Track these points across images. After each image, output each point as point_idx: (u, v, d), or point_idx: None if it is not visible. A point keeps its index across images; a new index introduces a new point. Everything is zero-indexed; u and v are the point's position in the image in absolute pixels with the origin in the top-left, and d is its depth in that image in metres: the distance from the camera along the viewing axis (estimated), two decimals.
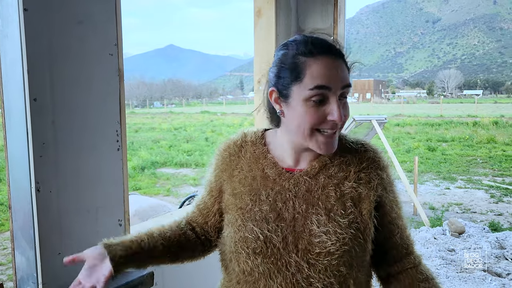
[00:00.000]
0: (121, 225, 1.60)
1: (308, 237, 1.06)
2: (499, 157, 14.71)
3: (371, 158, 1.15)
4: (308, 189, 1.11)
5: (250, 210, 1.12)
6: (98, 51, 1.48)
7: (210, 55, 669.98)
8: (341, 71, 1.04)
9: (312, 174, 1.12)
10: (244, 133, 1.26)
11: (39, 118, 1.29)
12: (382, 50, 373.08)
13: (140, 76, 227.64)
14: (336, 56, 1.05)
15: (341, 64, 1.05)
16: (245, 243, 1.09)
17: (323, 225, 1.06)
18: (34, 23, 1.27)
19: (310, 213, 1.08)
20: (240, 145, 1.23)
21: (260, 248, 1.08)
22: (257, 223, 1.10)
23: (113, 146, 1.55)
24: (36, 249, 1.32)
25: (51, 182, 1.33)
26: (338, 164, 1.13)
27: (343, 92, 1.05)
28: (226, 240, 1.18)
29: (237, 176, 1.19)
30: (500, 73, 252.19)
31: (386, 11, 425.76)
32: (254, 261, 1.08)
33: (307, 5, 2.74)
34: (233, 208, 1.16)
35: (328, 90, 1.02)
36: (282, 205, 1.10)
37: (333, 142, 1.08)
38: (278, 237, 1.07)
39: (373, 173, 1.14)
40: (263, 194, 1.12)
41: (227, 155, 1.23)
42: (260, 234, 1.08)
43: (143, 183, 11.46)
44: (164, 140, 20.13)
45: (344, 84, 1.04)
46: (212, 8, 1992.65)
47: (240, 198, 1.15)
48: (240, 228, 1.11)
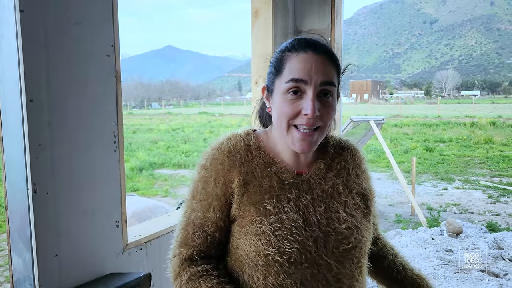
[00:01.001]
0: (118, 227, 1.60)
1: (334, 236, 1.08)
2: (497, 157, 14.73)
3: (358, 154, 1.24)
4: (322, 190, 1.13)
5: (276, 219, 1.05)
6: (95, 52, 1.48)
7: (208, 56, 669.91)
8: (321, 66, 1.04)
9: (321, 175, 1.14)
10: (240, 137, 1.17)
11: (36, 119, 1.29)
12: (379, 51, 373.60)
13: (138, 77, 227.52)
14: (319, 52, 1.05)
15: (324, 60, 1.04)
16: (278, 253, 1.02)
17: (343, 222, 1.09)
18: (31, 24, 1.27)
19: (329, 213, 1.10)
20: (244, 149, 1.14)
21: (295, 256, 1.03)
22: (287, 231, 1.04)
23: (110, 147, 1.55)
24: (32, 251, 1.32)
25: (47, 184, 1.33)
26: (338, 162, 1.18)
27: (324, 89, 1.04)
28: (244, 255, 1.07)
29: (250, 183, 1.09)
30: (497, 73, 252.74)
31: (384, 12, 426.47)
32: (287, 271, 1.03)
33: (304, 6, 2.74)
34: (254, 219, 1.06)
35: (304, 84, 1.03)
36: (304, 209, 1.09)
37: (310, 141, 1.05)
38: (309, 242, 1.05)
39: (364, 167, 1.24)
40: (283, 200, 1.08)
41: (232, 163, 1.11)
42: (293, 242, 1.03)
43: (141, 184, 11.45)
44: (162, 141, 20.11)
45: (322, 80, 1.03)
46: (210, 8, 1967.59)
47: (261, 207, 1.07)
48: (270, 239, 1.03)
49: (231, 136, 1.18)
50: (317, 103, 1.03)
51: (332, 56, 1.07)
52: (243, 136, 1.17)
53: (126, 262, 1.65)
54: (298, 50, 1.06)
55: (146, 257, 1.78)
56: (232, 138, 1.16)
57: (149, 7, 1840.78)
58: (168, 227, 1.94)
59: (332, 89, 1.05)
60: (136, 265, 1.72)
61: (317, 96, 1.04)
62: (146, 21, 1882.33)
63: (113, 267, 1.59)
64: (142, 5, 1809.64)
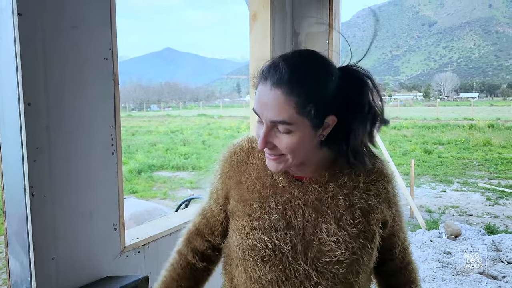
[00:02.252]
0: (116, 229, 1.60)
1: (318, 246, 1.06)
2: (495, 159, 14.75)
3: (379, 170, 1.15)
4: (318, 198, 1.09)
5: (259, 218, 1.10)
6: (92, 55, 1.48)
7: (207, 58, 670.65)
8: (273, 103, 0.95)
9: (322, 183, 1.10)
10: (249, 139, 1.22)
11: (33, 122, 1.29)
12: (378, 53, 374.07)
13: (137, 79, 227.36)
14: (273, 85, 0.95)
15: (275, 96, 0.95)
16: (253, 251, 1.08)
17: (332, 234, 1.06)
18: (29, 28, 1.27)
19: (319, 222, 1.07)
20: (247, 151, 1.19)
21: (269, 256, 1.07)
22: (265, 231, 1.08)
23: (108, 150, 1.55)
24: (30, 254, 1.32)
25: (45, 187, 1.33)
26: (347, 173, 1.11)
27: (276, 125, 0.98)
28: (232, 247, 1.16)
29: (245, 182, 1.16)
30: (495, 76, 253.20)
31: (383, 15, 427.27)
32: (262, 268, 1.08)
33: (302, 9, 2.75)
34: (241, 214, 1.13)
35: (259, 116, 1.00)
36: (291, 213, 1.09)
37: (276, 164, 1.04)
38: (287, 246, 1.06)
39: (381, 185, 1.14)
40: (272, 201, 1.10)
41: (234, 162, 1.19)
42: (269, 242, 1.07)
43: (140, 186, 11.44)
44: (161, 143, 20.10)
45: (271, 119, 0.97)
46: (209, 10, 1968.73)
47: (249, 205, 1.12)
48: (248, 236, 1.09)
49: (244, 137, 1.25)
50: (270, 137, 1.00)
51: (293, 88, 0.94)
52: (253, 139, 1.22)
53: (123, 265, 1.65)
54: (262, 78, 0.99)
55: (144, 260, 1.78)
56: (243, 140, 1.23)
57: (148, 9, 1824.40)
58: (166, 230, 1.94)
59: (287, 127, 0.96)
60: (134, 268, 1.72)
61: (274, 129, 0.99)
62: (145, 23, 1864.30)
63: (111, 270, 1.59)
64: (141, 7, 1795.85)
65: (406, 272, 1.28)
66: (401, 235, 1.24)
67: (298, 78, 0.95)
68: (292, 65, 0.96)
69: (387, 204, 1.15)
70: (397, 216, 1.21)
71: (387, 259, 1.25)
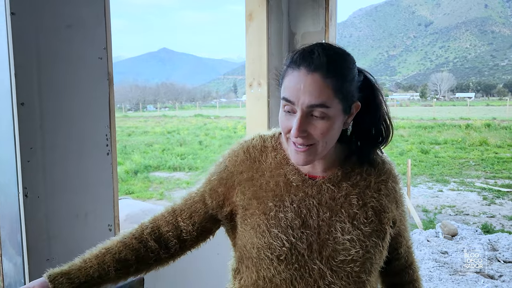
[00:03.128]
0: (111, 230, 1.59)
1: (333, 245, 1.06)
2: (492, 159, 14.80)
3: (388, 171, 1.18)
4: (331, 197, 1.11)
5: (274, 216, 1.09)
6: (87, 55, 1.47)
7: (204, 58, 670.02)
8: (311, 87, 0.97)
9: (335, 182, 1.12)
10: (262, 138, 1.21)
11: (27, 122, 1.28)
12: (375, 53, 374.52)
13: (133, 79, 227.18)
14: (312, 69, 0.98)
15: (316, 79, 0.98)
16: (269, 249, 1.07)
17: (347, 233, 1.07)
18: (22, 27, 1.26)
19: (334, 221, 1.08)
20: (260, 149, 1.19)
21: (285, 255, 1.06)
22: (282, 229, 1.07)
23: (103, 150, 1.54)
24: (23, 255, 1.31)
25: (39, 187, 1.32)
26: (359, 173, 1.14)
27: (312, 110, 0.99)
28: (243, 246, 1.14)
29: (258, 180, 1.15)
30: (492, 76, 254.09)
31: (379, 15, 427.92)
32: (277, 267, 1.07)
33: (298, 9, 2.74)
34: (255, 212, 1.12)
35: (293, 104, 1.00)
36: (306, 212, 1.09)
37: (304, 156, 1.04)
38: (303, 244, 1.06)
39: (390, 186, 1.17)
40: (287, 200, 1.10)
41: (246, 158, 1.18)
42: (286, 241, 1.06)
43: (136, 187, 11.42)
44: (157, 143, 20.08)
45: (309, 103, 0.98)
46: (205, 11, 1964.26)
47: (263, 203, 1.11)
48: (264, 234, 1.08)
49: (256, 136, 1.23)
50: (305, 124, 1.00)
51: (330, 71, 0.98)
52: (265, 137, 1.21)
53: None
54: (293, 66, 1.02)
55: None
56: (255, 138, 1.22)
57: (144, 10, 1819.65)
58: None
59: (324, 110, 0.99)
60: None
61: (309, 116, 1.00)
62: (141, 23, 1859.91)
63: None
64: (137, 7, 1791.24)
65: (410, 271, 1.30)
66: (406, 234, 1.27)
67: (334, 61, 1.00)
68: (326, 50, 1.01)
69: (395, 204, 1.18)
70: (403, 216, 1.24)
71: (393, 258, 1.26)
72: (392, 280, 1.31)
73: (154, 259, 1.19)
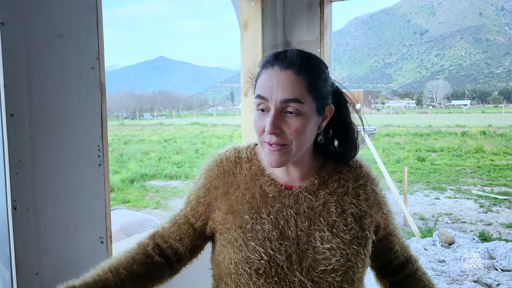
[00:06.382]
0: (103, 243, 1.56)
1: (313, 255, 1.05)
2: (488, 166, 14.83)
3: (366, 174, 1.17)
4: (309, 206, 1.09)
5: (251, 229, 1.07)
6: (78, 65, 1.45)
7: (200, 67, 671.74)
8: (285, 83, 0.99)
9: (312, 191, 1.11)
10: (236, 149, 1.21)
11: (16, 134, 1.26)
12: (371, 61, 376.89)
13: (130, 88, 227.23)
14: (285, 67, 1.01)
15: (290, 76, 1.00)
16: (247, 263, 1.04)
17: (326, 242, 1.05)
18: (11, 37, 1.24)
19: (313, 230, 1.07)
20: (234, 161, 1.17)
21: (264, 268, 1.03)
22: (259, 242, 1.05)
23: (95, 161, 1.52)
24: (12, 269, 1.28)
25: (28, 200, 1.30)
26: (336, 180, 1.13)
27: (286, 106, 1.00)
28: (222, 263, 1.11)
29: (233, 193, 1.13)
30: (487, 83, 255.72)
31: (375, 23, 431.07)
32: (256, 282, 1.04)
33: (293, 18, 2.74)
34: (231, 227, 1.10)
35: (266, 101, 1.01)
36: (284, 223, 1.07)
37: (278, 156, 1.03)
38: (282, 256, 1.04)
39: (370, 189, 1.16)
40: (263, 212, 1.09)
41: (220, 172, 1.17)
42: (264, 254, 1.04)
43: (132, 196, 11.36)
44: (153, 152, 20.03)
45: (282, 98, 0.99)
46: (201, 20, 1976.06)
47: (239, 217, 1.09)
48: (241, 248, 1.06)
49: (230, 148, 1.23)
50: (279, 121, 1.00)
51: (303, 68, 1.01)
52: (239, 149, 1.21)
53: None
54: (267, 65, 1.04)
55: None
56: (228, 150, 1.21)
57: (140, 19, 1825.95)
58: None
59: (298, 106, 1.00)
60: None
61: (283, 113, 1.01)
62: (138, 32, 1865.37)
63: None
64: (133, 16, 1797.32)
65: (410, 264, 1.30)
66: (397, 232, 1.27)
67: (307, 60, 1.03)
68: (298, 51, 1.05)
69: (377, 207, 1.17)
70: (389, 216, 1.23)
71: (392, 258, 1.26)
72: (397, 277, 1.30)
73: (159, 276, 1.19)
